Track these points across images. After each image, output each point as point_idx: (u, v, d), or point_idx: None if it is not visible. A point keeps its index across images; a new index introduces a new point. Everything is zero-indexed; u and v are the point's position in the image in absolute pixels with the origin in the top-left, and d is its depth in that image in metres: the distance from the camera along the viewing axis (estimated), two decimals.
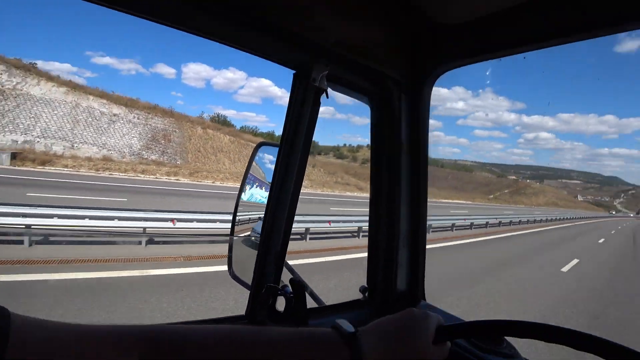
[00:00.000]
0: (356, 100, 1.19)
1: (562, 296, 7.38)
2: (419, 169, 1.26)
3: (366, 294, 1.27)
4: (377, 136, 1.22)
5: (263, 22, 0.79)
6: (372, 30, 1.02)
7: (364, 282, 1.30)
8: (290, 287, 0.90)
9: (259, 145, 1.18)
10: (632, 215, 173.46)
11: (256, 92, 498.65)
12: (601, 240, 21.63)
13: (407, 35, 1.10)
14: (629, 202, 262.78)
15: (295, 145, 0.90)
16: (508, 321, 0.68)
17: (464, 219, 18.01)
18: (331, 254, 8.94)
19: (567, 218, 45.28)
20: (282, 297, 0.92)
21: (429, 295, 1.31)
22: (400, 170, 1.22)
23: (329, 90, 0.96)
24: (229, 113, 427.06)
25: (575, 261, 11.31)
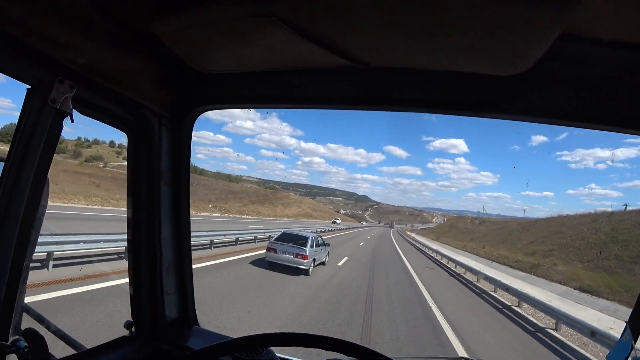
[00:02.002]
0: None
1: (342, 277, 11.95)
2: (180, 197, 1.29)
3: (132, 329, 1.22)
4: (136, 165, 1.19)
5: None
6: (133, 61, 1.02)
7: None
8: (23, 341, 0.79)
9: None
10: (376, 223, 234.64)
11: None
12: (361, 244, 31.92)
13: (170, 74, 1.15)
14: (374, 214, 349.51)
15: (25, 164, 0.82)
16: (261, 335, 0.84)
17: None
18: (90, 282, 6.79)
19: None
20: (15, 354, 0.79)
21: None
22: (160, 198, 1.22)
23: (79, 114, 0.92)
24: None
25: (345, 258, 16.97)
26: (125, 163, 1.21)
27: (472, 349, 6.79)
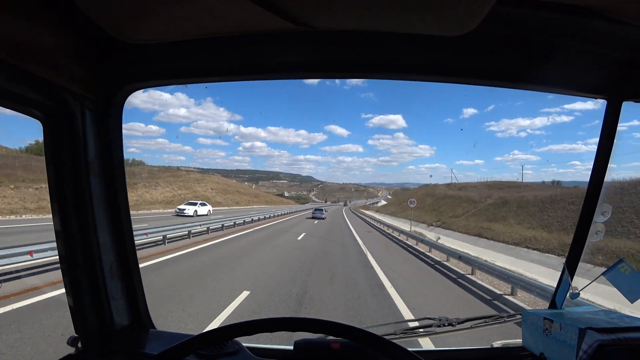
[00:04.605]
0: None
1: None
2: (115, 190, 1.15)
3: (78, 345, 1.11)
4: (56, 158, 1.03)
5: None
6: (43, 32, 0.86)
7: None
8: None
9: None
10: (322, 202, 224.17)
11: None
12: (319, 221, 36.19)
13: (90, 47, 1.01)
14: (319, 193, 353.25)
15: None
16: (222, 328, 0.81)
17: None
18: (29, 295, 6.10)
19: None
20: None
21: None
22: (91, 193, 1.08)
23: None
24: None
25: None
26: None
27: None
